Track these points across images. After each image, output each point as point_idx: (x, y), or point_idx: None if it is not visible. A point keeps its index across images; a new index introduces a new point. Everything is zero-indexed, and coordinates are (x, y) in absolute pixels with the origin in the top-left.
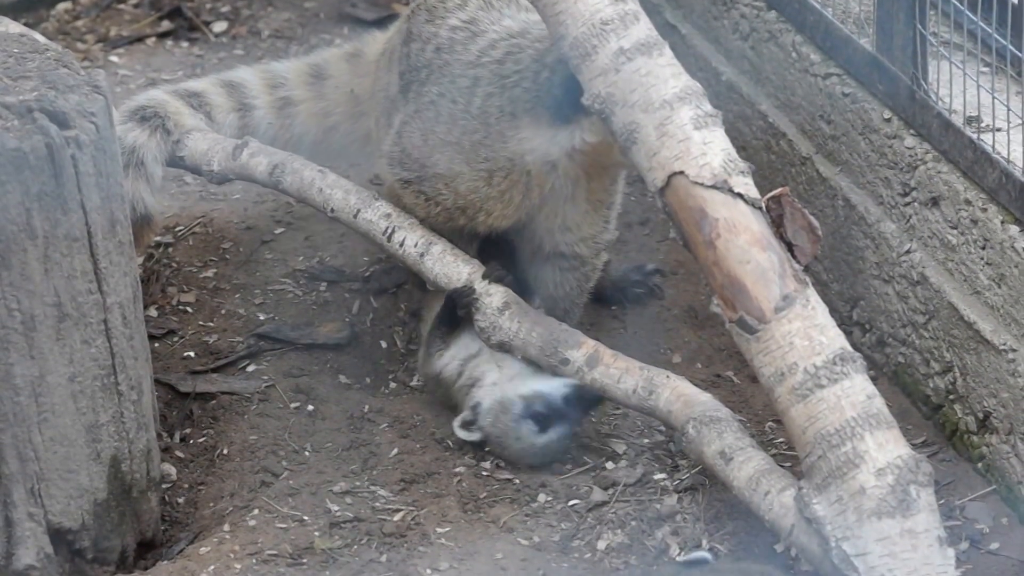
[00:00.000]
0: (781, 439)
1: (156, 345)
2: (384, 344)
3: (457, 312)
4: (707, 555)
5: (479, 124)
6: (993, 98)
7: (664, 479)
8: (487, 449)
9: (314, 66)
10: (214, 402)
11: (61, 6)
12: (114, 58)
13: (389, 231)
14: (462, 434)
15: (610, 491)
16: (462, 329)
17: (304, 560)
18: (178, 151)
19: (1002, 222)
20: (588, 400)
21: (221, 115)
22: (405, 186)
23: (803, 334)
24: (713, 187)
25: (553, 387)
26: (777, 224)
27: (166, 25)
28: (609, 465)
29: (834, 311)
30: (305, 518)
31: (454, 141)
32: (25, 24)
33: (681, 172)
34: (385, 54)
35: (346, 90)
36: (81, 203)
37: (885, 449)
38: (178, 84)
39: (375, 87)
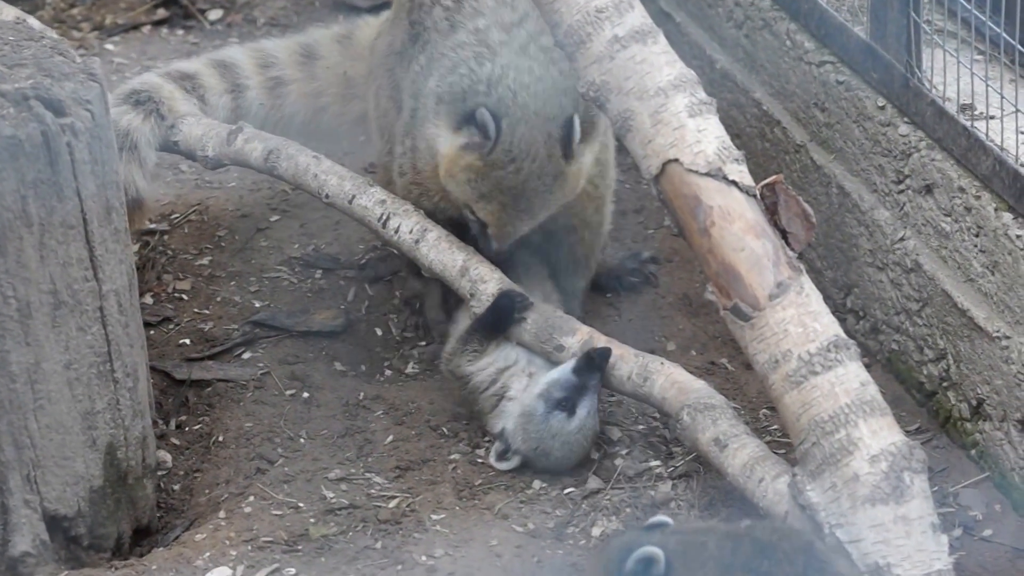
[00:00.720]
0: (775, 426)
1: (152, 332)
2: (379, 332)
3: (510, 318)
4: (667, 519)
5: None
6: (987, 86)
7: (658, 466)
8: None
9: (305, 46)
10: (209, 389)
11: None
12: (109, 46)
13: (384, 217)
14: (501, 465)
15: (605, 479)
16: (504, 337)
17: (299, 547)
18: (172, 136)
19: (996, 210)
20: (596, 357)
21: (214, 97)
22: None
23: (797, 321)
24: (708, 175)
25: (561, 368)
26: (771, 212)
27: (161, 13)
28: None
29: (828, 298)
30: (300, 505)
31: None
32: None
33: (676, 160)
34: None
35: (338, 72)
36: (77, 190)
37: (879, 436)
38: (171, 66)
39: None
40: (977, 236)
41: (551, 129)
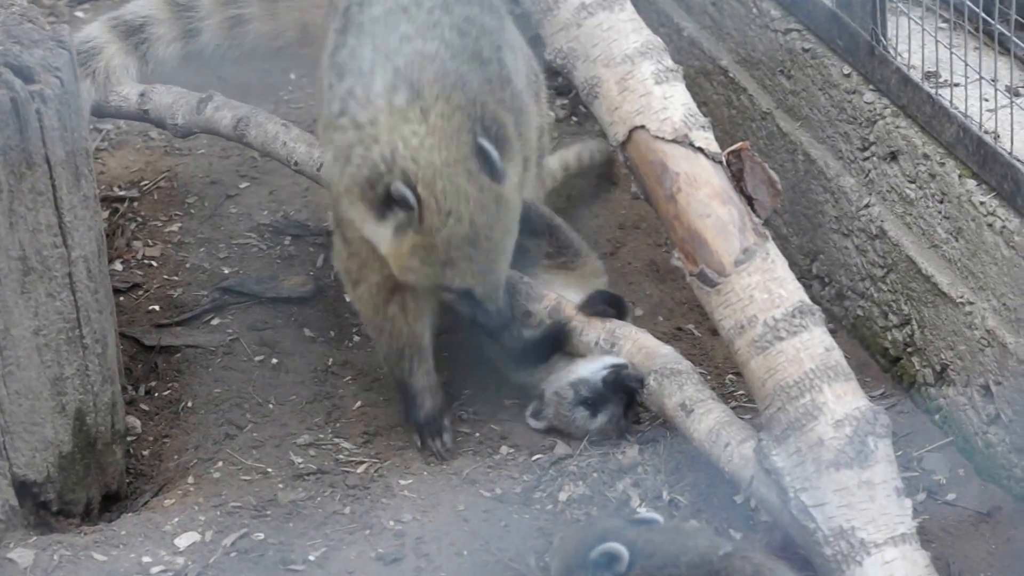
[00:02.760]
0: (741, 391)
1: (121, 299)
2: (348, 298)
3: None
4: (657, 517)
5: None
6: (951, 54)
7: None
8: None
9: None
10: (179, 355)
11: None
12: (79, 14)
13: None
14: (532, 423)
15: (573, 445)
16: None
17: (268, 512)
18: (143, 104)
19: (960, 176)
20: (628, 382)
21: (162, 48)
22: None
23: (763, 287)
24: (674, 141)
25: (593, 370)
26: (737, 178)
27: None
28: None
29: (794, 265)
30: (269, 470)
31: None
32: None
33: (642, 126)
34: None
35: (297, 16)
36: (46, 157)
37: (843, 401)
38: (123, 9)
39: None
40: (941, 203)
41: (468, 166)
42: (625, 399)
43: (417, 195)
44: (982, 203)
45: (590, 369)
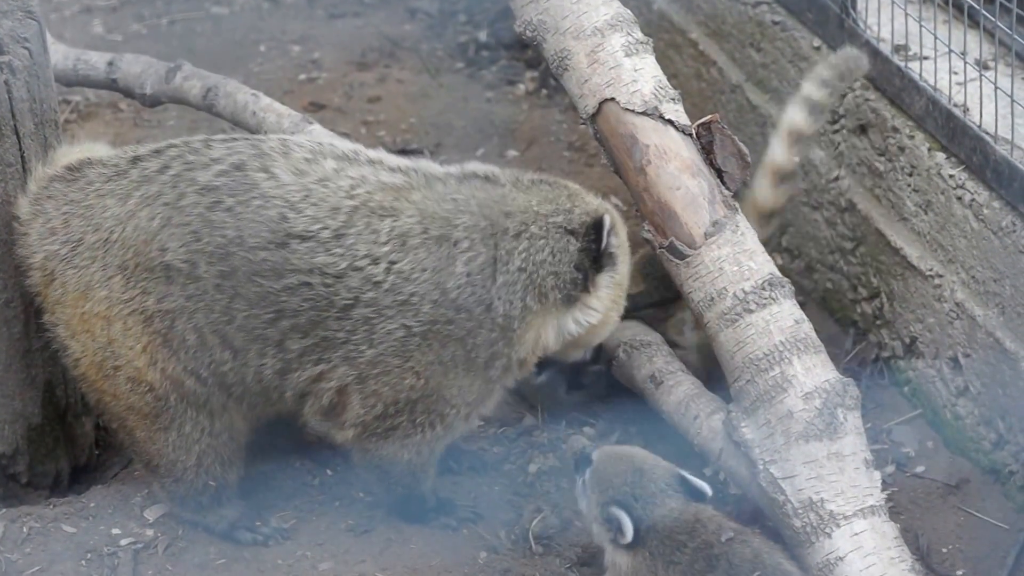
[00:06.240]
0: None
1: None
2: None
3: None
4: (707, 489)
5: None
6: (921, 27)
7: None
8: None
9: None
10: None
11: None
12: None
13: None
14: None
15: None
16: None
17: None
18: (111, 73)
19: (929, 149)
20: None
21: None
22: None
23: (732, 259)
24: (644, 114)
25: None
26: (707, 151)
27: None
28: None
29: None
30: None
31: None
32: None
33: (612, 99)
34: None
35: None
36: (15, 128)
37: (813, 373)
38: None
39: None
40: (911, 176)
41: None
42: (572, 365)
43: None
44: (951, 176)
45: None
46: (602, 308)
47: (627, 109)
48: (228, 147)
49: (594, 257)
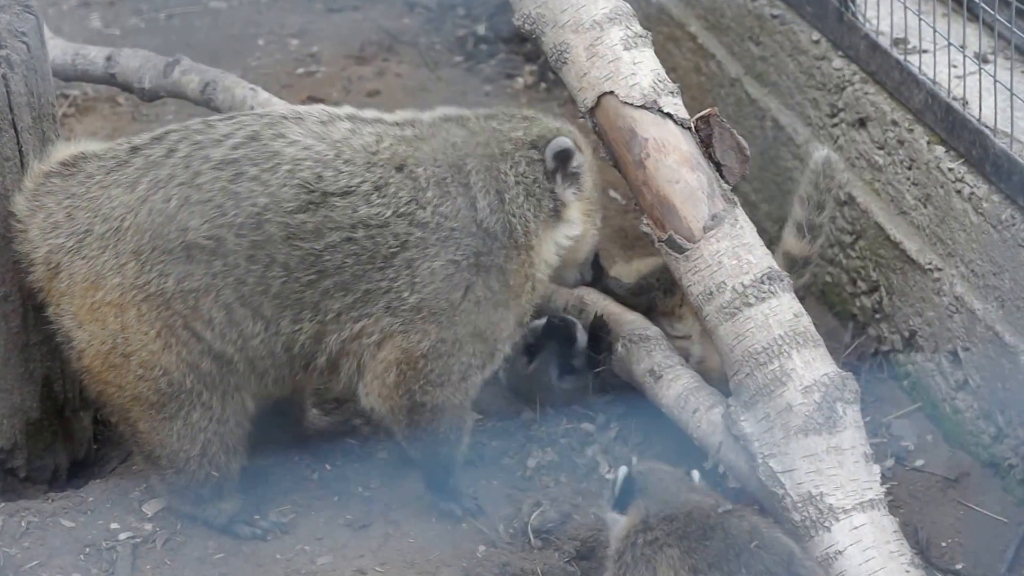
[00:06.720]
0: None
1: None
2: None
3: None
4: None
5: None
6: (920, 20)
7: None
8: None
9: None
10: None
11: None
12: None
13: None
14: (500, 377)
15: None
16: None
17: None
18: (110, 68)
19: (928, 143)
20: (559, 333)
21: None
22: None
23: (731, 253)
24: (643, 107)
25: (537, 322)
26: (706, 144)
27: None
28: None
29: (762, 231)
30: None
31: None
32: None
33: (611, 92)
34: None
35: None
36: (13, 123)
37: (812, 367)
38: None
39: None
40: (910, 169)
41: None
42: (558, 347)
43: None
44: (950, 169)
45: (536, 321)
46: (579, 220)
47: (626, 103)
48: (235, 122)
49: (561, 174)
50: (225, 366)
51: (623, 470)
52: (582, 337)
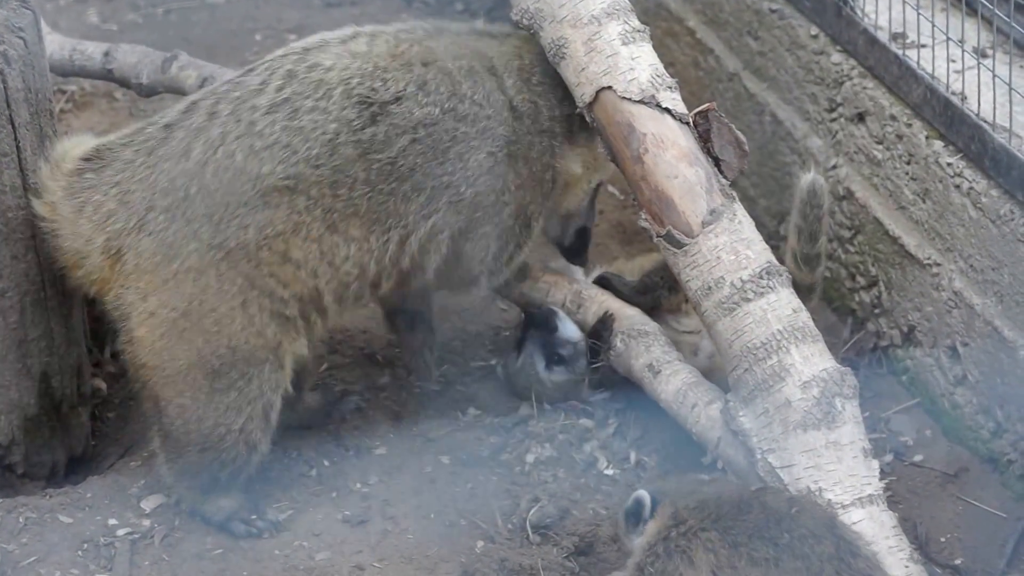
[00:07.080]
0: None
1: None
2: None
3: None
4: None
5: None
6: (918, 14)
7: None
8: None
9: None
10: None
11: None
12: None
13: None
14: (498, 371)
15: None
16: None
17: None
18: (107, 64)
19: (927, 137)
20: (538, 321)
21: None
22: None
23: (730, 248)
24: (641, 102)
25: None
26: (704, 139)
27: None
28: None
29: (761, 226)
30: None
31: None
32: None
33: (609, 87)
34: None
35: None
36: (10, 118)
37: (811, 362)
38: None
39: None
40: (908, 164)
41: None
42: (540, 337)
43: None
44: (949, 164)
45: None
46: (578, 161)
47: (624, 97)
48: (264, 68)
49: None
50: (308, 306)
51: (641, 494)
52: (565, 327)
